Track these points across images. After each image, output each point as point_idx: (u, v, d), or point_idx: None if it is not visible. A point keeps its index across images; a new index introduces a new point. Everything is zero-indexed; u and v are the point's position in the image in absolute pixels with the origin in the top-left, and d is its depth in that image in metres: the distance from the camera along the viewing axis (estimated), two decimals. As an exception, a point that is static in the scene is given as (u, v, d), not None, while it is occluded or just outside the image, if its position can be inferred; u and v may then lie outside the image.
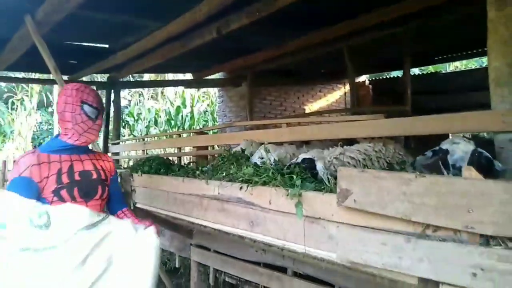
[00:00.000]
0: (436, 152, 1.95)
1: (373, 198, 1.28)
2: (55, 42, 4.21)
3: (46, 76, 9.37)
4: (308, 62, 6.51)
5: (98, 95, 1.78)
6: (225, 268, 2.63)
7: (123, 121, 12.66)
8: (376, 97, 7.97)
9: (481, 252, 1.05)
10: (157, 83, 12.40)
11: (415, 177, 1.19)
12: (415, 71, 9.48)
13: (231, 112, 8.13)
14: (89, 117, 1.70)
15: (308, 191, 1.58)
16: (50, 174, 1.60)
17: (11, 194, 1.48)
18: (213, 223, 2.10)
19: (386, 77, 9.65)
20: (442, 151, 1.91)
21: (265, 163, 2.13)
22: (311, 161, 1.94)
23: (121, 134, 8.34)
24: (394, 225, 1.27)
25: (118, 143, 7.14)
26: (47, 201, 1.56)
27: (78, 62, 5.82)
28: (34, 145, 13.05)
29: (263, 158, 2.36)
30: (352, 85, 6.87)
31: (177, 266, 3.40)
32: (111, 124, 7.16)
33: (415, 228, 1.22)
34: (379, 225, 1.31)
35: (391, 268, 1.24)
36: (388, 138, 2.65)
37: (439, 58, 7.57)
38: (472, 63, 12.39)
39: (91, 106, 1.70)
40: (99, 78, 10.82)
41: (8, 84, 13.74)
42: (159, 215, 2.66)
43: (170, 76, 13.07)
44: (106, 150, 6.69)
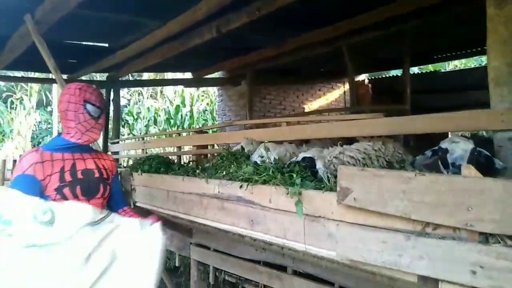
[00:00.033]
0: (435, 151, 1.96)
1: (373, 197, 1.29)
2: (55, 41, 4.21)
3: (45, 75, 9.39)
4: (307, 61, 6.49)
5: (100, 94, 1.80)
6: (225, 266, 2.63)
7: (122, 120, 12.67)
8: (375, 96, 7.98)
9: (480, 249, 1.06)
10: (157, 82, 12.43)
11: (415, 175, 1.20)
12: (415, 70, 9.50)
13: (230, 111, 8.13)
14: (92, 116, 1.72)
15: (308, 190, 1.58)
16: (53, 172, 1.61)
17: (15, 192, 1.49)
18: (213, 222, 2.10)
19: (385, 76, 9.62)
20: (442, 150, 1.92)
21: (265, 162, 2.14)
22: (311, 159, 1.94)
23: (120, 133, 8.34)
24: (394, 223, 1.27)
25: (117, 142, 7.13)
26: (50, 199, 1.58)
27: (77, 61, 5.82)
28: (33, 144, 13.05)
29: (263, 157, 2.36)
30: (352, 84, 6.87)
31: (177, 265, 3.39)
32: (111, 123, 7.16)
33: (414, 226, 1.23)
34: (379, 223, 1.31)
35: (390, 266, 1.25)
36: (388, 137, 2.66)
37: (438, 57, 7.55)
38: (471, 62, 12.40)
39: (94, 105, 1.72)
40: (99, 77, 10.83)
41: (7, 83, 13.75)
42: (159, 214, 2.66)
43: (170, 75, 13.08)
44: (106, 149, 6.68)
